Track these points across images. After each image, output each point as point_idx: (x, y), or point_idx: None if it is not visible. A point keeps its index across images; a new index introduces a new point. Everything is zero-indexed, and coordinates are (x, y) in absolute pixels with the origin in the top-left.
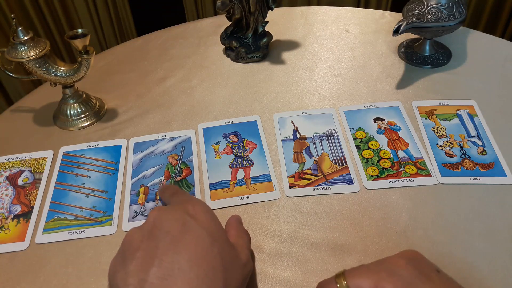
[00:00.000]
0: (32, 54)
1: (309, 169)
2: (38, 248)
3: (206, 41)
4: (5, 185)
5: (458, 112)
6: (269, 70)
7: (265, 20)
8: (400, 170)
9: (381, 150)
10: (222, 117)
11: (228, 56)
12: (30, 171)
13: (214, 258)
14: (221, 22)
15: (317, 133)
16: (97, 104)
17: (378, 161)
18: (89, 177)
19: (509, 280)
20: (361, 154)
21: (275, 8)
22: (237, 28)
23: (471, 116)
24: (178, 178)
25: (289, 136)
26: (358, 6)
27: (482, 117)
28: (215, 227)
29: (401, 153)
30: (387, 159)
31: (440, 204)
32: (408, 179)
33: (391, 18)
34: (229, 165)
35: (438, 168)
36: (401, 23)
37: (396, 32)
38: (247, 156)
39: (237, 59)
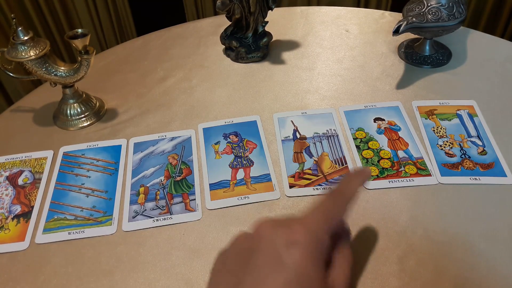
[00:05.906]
0: (32, 54)
1: (309, 169)
2: (38, 248)
3: (206, 41)
4: (5, 185)
5: (458, 112)
6: (269, 70)
7: (265, 20)
8: (400, 170)
9: (381, 150)
10: (222, 117)
11: (228, 56)
12: (30, 171)
13: None
14: (221, 22)
15: (317, 133)
16: (97, 104)
17: (378, 161)
18: (89, 177)
19: (509, 280)
20: (361, 154)
21: (275, 8)
22: (237, 28)
23: (471, 116)
24: (178, 178)
25: (289, 136)
26: (358, 6)
27: (482, 117)
28: (312, 273)
29: (401, 153)
30: (387, 159)
31: (440, 204)
32: (408, 179)
33: (391, 18)
34: (229, 165)
35: (438, 168)
36: (401, 23)
37: (396, 32)
38: (247, 156)
39: (237, 59)
